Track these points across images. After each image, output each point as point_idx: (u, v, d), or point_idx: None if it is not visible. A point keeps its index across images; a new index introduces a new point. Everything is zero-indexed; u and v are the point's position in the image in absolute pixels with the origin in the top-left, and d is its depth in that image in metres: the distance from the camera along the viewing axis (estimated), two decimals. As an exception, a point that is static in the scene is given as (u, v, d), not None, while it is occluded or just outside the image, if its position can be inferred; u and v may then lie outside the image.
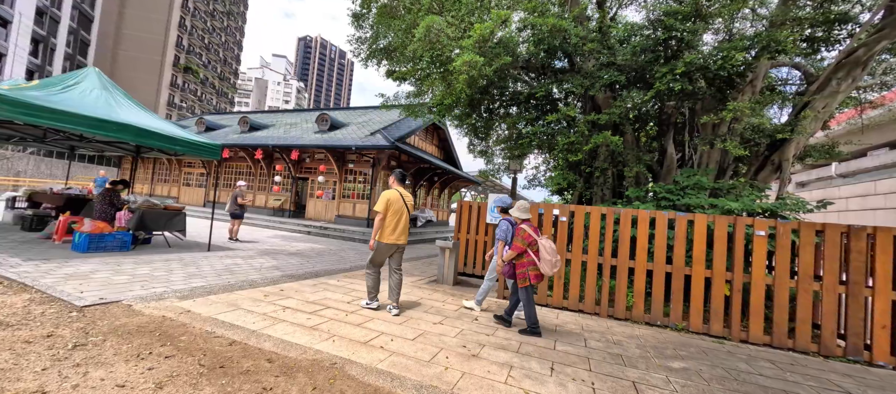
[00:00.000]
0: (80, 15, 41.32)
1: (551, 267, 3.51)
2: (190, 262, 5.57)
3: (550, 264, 3.51)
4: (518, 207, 3.84)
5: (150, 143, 5.77)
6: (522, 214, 3.79)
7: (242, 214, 8.34)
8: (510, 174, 14.41)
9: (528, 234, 3.64)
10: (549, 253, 3.54)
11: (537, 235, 3.66)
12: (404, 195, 4.02)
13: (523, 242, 3.62)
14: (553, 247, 3.60)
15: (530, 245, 3.62)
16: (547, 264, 3.51)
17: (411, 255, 9.82)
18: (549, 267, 3.51)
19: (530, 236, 3.62)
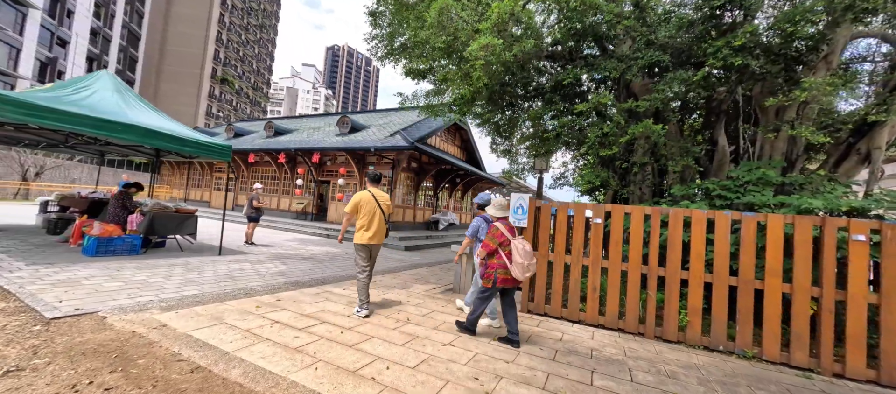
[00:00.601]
0: (129, 34, 44.56)
1: (523, 271, 3.20)
2: (194, 267, 5.33)
3: (522, 268, 3.20)
4: (494, 204, 3.59)
5: (158, 143, 5.62)
6: (498, 211, 3.53)
7: (259, 218, 8.17)
8: (535, 174, 13.60)
9: (501, 232, 3.36)
10: (522, 255, 3.21)
11: (512, 235, 3.36)
12: (377, 196, 3.95)
13: (494, 240, 3.36)
14: (528, 250, 3.28)
15: (502, 245, 3.34)
16: (518, 268, 3.20)
17: (430, 260, 9.30)
18: (521, 271, 3.20)
19: (502, 235, 3.34)
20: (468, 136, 20.72)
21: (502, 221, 3.47)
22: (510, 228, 3.42)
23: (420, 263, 8.42)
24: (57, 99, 4.91)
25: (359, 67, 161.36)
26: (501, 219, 3.51)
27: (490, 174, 22.01)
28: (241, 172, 19.33)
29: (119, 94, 5.87)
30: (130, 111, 5.69)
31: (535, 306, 4.57)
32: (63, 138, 6.69)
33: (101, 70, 6.14)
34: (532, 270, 3.26)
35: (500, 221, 3.48)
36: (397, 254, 9.80)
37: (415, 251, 10.86)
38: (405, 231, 14.33)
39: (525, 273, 3.22)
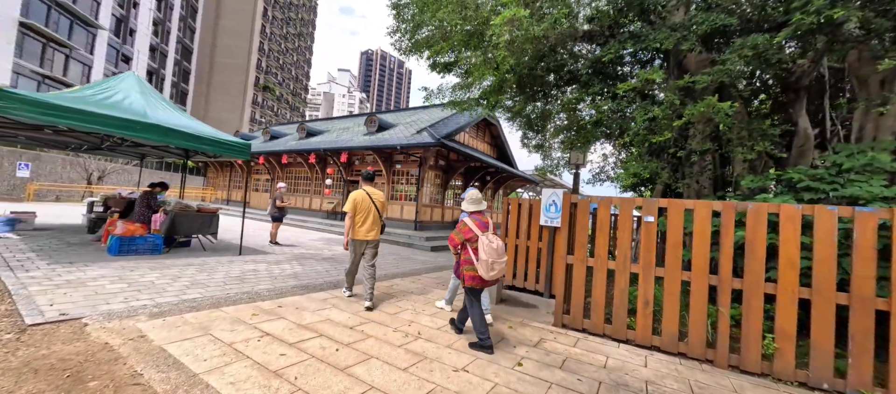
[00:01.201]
0: (183, 48, 48.29)
1: (487, 269, 2.99)
2: (209, 268, 5.18)
3: (487, 266, 2.99)
4: (467, 198, 3.41)
5: (178, 142, 5.55)
6: (471, 205, 3.36)
7: (282, 217, 8.08)
8: (571, 169, 12.67)
9: (469, 228, 3.18)
10: (488, 253, 3.00)
11: (480, 231, 3.13)
12: (372, 194, 4.24)
13: (459, 235, 3.21)
14: (496, 247, 3.05)
15: (469, 241, 3.16)
16: (483, 266, 3.00)
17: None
18: (486, 269, 3.00)
19: (470, 231, 3.16)
20: (498, 132, 19.93)
21: (474, 216, 3.27)
22: (481, 224, 3.21)
23: (445, 265, 7.89)
24: (80, 99, 4.94)
25: (392, 70, 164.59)
26: (473, 213, 3.30)
27: (522, 172, 21.04)
28: (276, 173, 19.95)
29: (142, 95, 5.89)
30: (152, 111, 5.67)
31: (572, 321, 3.86)
32: (99, 140, 6.92)
33: (127, 71, 6.24)
34: (498, 269, 3.03)
35: (473, 215, 3.28)
36: (422, 255, 9.35)
37: (442, 252, 10.36)
38: (432, 231, 13.89)
39: (490, 273, 2.99)
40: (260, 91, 59.60)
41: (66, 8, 29.81)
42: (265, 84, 60.34)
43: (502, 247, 3.10)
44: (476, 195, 3.39)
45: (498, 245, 3.07)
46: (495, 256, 3.00)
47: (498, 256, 3.02)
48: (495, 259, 3.00)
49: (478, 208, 3.32)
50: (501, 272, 3.08)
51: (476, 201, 3.36)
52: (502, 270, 3.08)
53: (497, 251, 3.03)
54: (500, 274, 3.08)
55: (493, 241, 3.07)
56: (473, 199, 3.37)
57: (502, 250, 3.08)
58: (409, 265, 7.44)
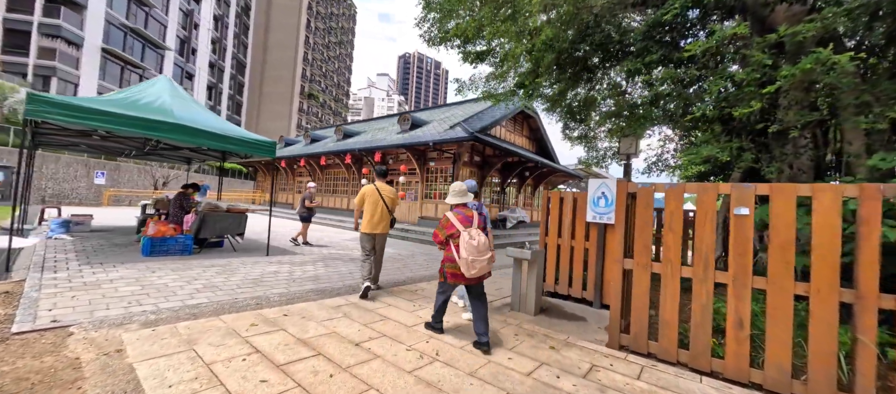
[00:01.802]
0: (238, 63, 52.23)
1: (468, 268, 2.85)
2: (230, 269, 5.02)
3: (467, 265, 2.85)
4: (452, 191, 3.20)
5: (204, 141, 5.49)
6: (454, 198, 3.17)
7: (310, 217, 7.93)
8: (620, 160, 11.41)
9: (451, 223, 3.02)
10: (469, 250, 2.85)
11: (463, 226, 2.97)
12: (381, 189, 4.38)
13: (443, 230, 3.08)
14: (478, 244, 2.87)
15: (451, 236, 3.00)
16: (464, 264, 2.86)
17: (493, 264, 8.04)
18: (466, 267, 2.86)
19: (452, 226, 3.00)
20: (537, 124, 18.78)
21: (458, 209, 3.10)
22: (465, 218, 3.02)
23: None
24: (110, 102, 5.01)
25: (429, 71, 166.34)
26: (458, 206, 3.14)
27: (564, 166, 19.69)
28: (317, 175, 20.52)
29: (172, 97, 5.94)
30: (180, 112, 5.67)
31: (633, 342, 3.04)
32: (141, 144, 7.20)
33: (159, 75, 6.36)
34: (480, 268, 2.85)
35: (457, 208, 3.11)
36: (455, 255, 8.77)
37: (476, 252, 9.73)
38: (468, 230, 13.29)
39: (470, 271, 2.83)
40: (305, 99, 62.84)
41: (139, 33, 33.36)
42: (310, 92, 63.52)
43: (485, 243, 2.90)
44: (459, 187, 3.18)
45: (480, 242, 2.87)
46: (476, 254, 2.83)
47: (479, 254, 2.84)
48: (476, 257, 2.82)
49: (461, 201, 3.13)
50: (484, 271, 2.92)
51: (459, 194, 3.15)
52: (485, 269, 2.91)
53: (478, 249, 2.84)
54: (484, 272, 2.93)
55: (475, 237, 2.89)
56: (456, 191, 3.17)
57: (485, 247, 2.89)
58: (435, 263, 6.89)
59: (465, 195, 3.16)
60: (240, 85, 53.27)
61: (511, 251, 4.11)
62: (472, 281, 2.96)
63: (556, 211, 5.06)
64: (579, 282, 4.76)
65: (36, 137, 6.35)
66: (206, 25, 43.92)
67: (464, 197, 3.15)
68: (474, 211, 3.12)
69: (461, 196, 3.14)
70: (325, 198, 20.00)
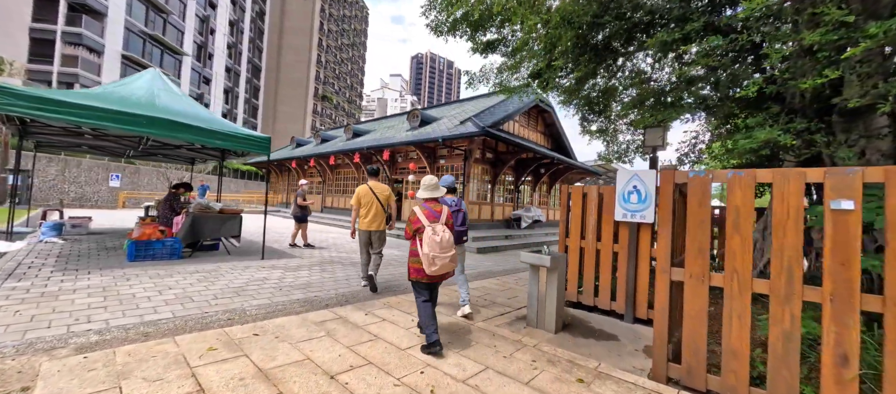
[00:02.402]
0: (253, 67, 53.10)
1: (429, 264, 2.67)
2: (214, 276, 4.57)
3: (428, 260, 2.67)
4: (422, 185, 3.06)
5: (186, 136, 5.08)
6: (425, 192, 3.00)
7: (305, 217, 7.48)
8: (645, 154, 10.56)
9: (417, 217, 2.82)
10: (430, 246, 2.66)
11: (429, 221, 2.78)
12: (375, 188, 4.47)
13: (411, 226, 2.86)
14: (439, 240, 2.67)
15: (417, 231, 2.80)
16: (426, 260, 2.68)
17: (506, 266, 7.40)
18: (428, 264, 2.67)
19: (418, 221, 2.80)
20: (553, 119, 17.94)
21: (427, 204, 2.97)
22: (432, 212, 2.88)
23: (492, 271, 6.62)
24: (83, 94, 4.65)
25: (441, 71, 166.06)
26: (427, 200, 3.00)
27: (581, 162, 18.75)
28: (327, 175, 20.28)
29: (157, 91, 5.57)
30: (165, 106, 5.29)
31: (686, 376, 2.37)
32: (136, 143, 6.91)
33: (149, 68, 6.02)
34: (442, 266, 2.71)
35: (427, 203, 2.98)
36: (469, 258, 8.16)
37: (490, 254, 9.08)
38: (481, 231, 12.63)
39: (431, 267, 2.70)
40: (319, 101, 63.42)
41: (157, 39, 34.15)
42: (324, 94, 64.08)
43: (449, 240, 2.76)
44: (429, 181, 3.07)
45: (443, 238, 2.73)
46: (438, 250, 2.68)
47: (441, 250, 2.69)
48: (437, 253, 2.68)
49: (431, 195, 3.00)
50: (446, 269, 2.76)
51: (429, 188, 3.03)
52: (447, 267, 2.76)
53: (440, 244, 2.70)
54: (445, 271, 2.78)
55: (439, 232, 2.74)
56: (427, 185, 3.05)
57: (449, 244, 2.74)
58: (448, 271, 6.32)
59: (435, 189, 3.02)
60: (255, 88, 54.15)
61: (527, 256, 3.47)
62: (433, 279, 2.80)
63: (579, 208, 4.39)
64: (607, 291, 4.08)
65: (28, 137, 6.10)
66: (222, 31, 44.73)
67: (434, 191, 3.01)
68: (445, 206, 3.00)
69: (431, 190, 3.01)
70: (335, 198, 19.73)
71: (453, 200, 3.71)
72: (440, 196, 3.05)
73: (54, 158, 22.68)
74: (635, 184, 3.90)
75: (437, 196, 3.01)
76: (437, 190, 3.02)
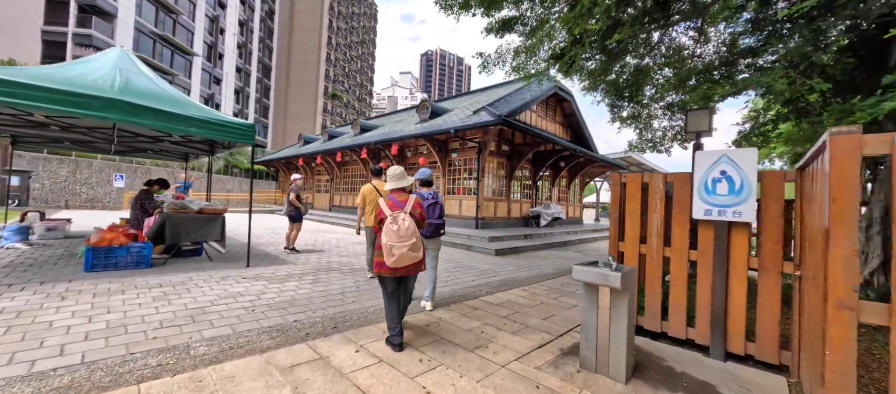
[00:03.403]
0: (263, 67, 53.07)
1: (388, 255, 2.54)
2: (179, 291, 3.72)
3: (387, 251, 2.53)
4: (389, 175, 2.94)
5: (151, 122, 4.23)
6: (392, 182, 2.90)
7: (300, 216, 6.59)
8: (685, 141, 9.44)
9: (381, 209, 2.69)
10: (388, 235, 2.54)
11: (391, 211, 2.64)
12: (379, 187, 4.54)
13: (375, 219, 2.73)
14: (398, 229, 2.54)
15: (381, 222, 2.67)
16: (385, 251, 2.54)
17: (532, 270, 6.37)
18: (386, 254, 2.54)
19: (382, 212, 2.67)
20: (573, 108, 16.69)
21: (393, 194, 2.82)
22: (396, 203, 2.71)
23: (516, 278, 5.61)
24: (24, 73, 3.84)
25: (451, 68, 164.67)
26: (394, 191, 2.86)
27: (603, 156, 17.45)
28: (335, 173, 19.55)
29: (122, 71, 4.74)
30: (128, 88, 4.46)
31: None
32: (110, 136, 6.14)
33: (115, 47, 5.21)
34: (400, 256, 2.49)
35: (394, 193, 2.84)
36: (486, 261, 7.15)
37: (509, 257, 8.05)
38: (497, 229, 11.59)
39: (390, 259, 2.52)
40: (329, 99, 63.17)
41: (167, 40, 34.13)
42: (333, 92, 63.79)
43: (409, 229, 2.55)
44: (395, 171, 2.92)
45: (402, 226, 2.54)
46: (395, 239, 2.51)
47: (398, 240, 2.51)
48: (395, 242, 2.50)
49: (397, 185, 2.87)
50: (408, 260, 2.54)
51: (396, 177, 2.90)
52: (409, 258, 2.53)
53: (398, 233, 2.52)
54: (407, 262, 2.55)
55: (398, 221, 2.57)
56: (392, 175, 2.92)
57: (408, 233, 2.53)
58: (466, 278, 5.31)
59: (401, 178, 2.91)
60: (266, 88, 54.15)
61: (583, 272, 2.44)
62: (396, 272, 2.61)
63: (636, 203, 3.35)
64: (681, 314, 3.03)
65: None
66: (232, 30, 44.67)
67: (399, 181, 2.90)
68: (412, 196, 2.83)
69: (397, 180, 2.90)
70: (343, 196, 18.99)
71: (430, 192, 3.67)
72: (407, 185, 2.91)
73: (65, 158, 22.65)
74: (724, 168, 2.83)
75: (403, 185, 2.89)
76: (403, 179, 2.90)
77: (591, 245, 11.60)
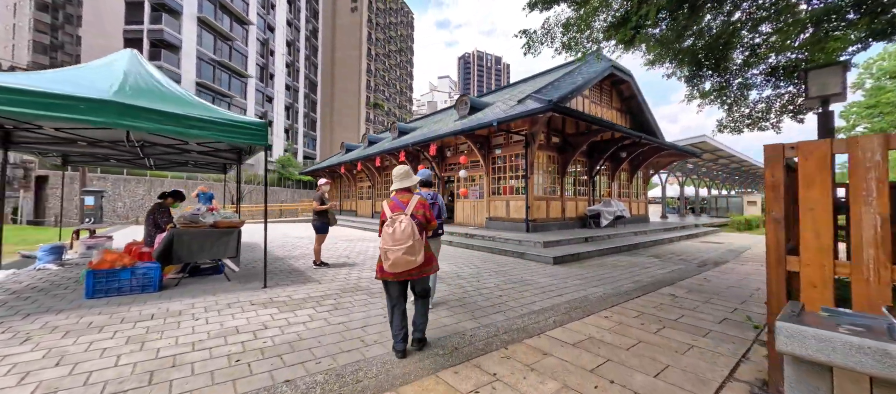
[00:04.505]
0: (310, 83, 55.84)
1: (384, 258, 2.45)
2: (170, 325, 3.03)
3: (383, 254, 2.46)
4: (394, 175, 2.77)
5: (145, 125, 3.66)
6: (397, 182, 2.75)
7: (326, 227, 5.83)
8: (802, 111, 7.61)
9: (384, 211, 2.63)
10: (384, 239, 2.45)
11: (392, 213, 2.56)
12: None
13: (380, 222, 2.65)
14: (393, 232, 2.42)
15: (383, 224, 2.59)
16: (382, 255, 2.47)
17: (606, 284, 4.99)
18: (383, 258, 2.46)
19: (383, 214, 2.63)
20: (632, 89, 14.61)
21: (396, 195, 2.70)
22: (397, 204, 2.62)
23: (589, 298, 4.30)
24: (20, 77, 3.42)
25: (489, 68, 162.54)
26: (399, 192, 2.71)
27: (672, 143, 15.07)
28: (375, 178, 19.24)
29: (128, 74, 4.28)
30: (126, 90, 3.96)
31: None
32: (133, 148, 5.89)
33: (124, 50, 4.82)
34: (396, 260, 2.38)
35: (399, 193, 2.71)
36: (544, 273, 5.88)
37: (572, 266, 6.66)
38: (551, 232, 10.15)
39: (385, 262, 2.44)
40: (371, 109, 64.88)
41: (225, 65, 36.94)
42: (375, 102, 65.42)
43: (405, 232, 2.40)
44: (400, 171, 2.77)
45: (398, 229, 2.43)
46: (390, 243, 2.41)
47: (393, 243, 2.40)
48: (390, 246, 2.40)
49: (403, 186, 2.71)
50: (406, 265, 2.41)
51: (401, 177, 2.74)
52: (406, 262, 2.39)
53: (393, 236, 2.42)
54: (406, 267, 2.42)
55: (396, 223, 2.45)
56: (398, 174, 2.77)
57: (403, 235, 2.40)
58: (523, 299, 4.13)
59: (406, 178, 2.72)
60: (313, 103, 56.88)
61: (815, 344, 1.17)
62: (398, 277, 2.48)
63: (822, 191, 1.97)
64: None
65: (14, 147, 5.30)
66: (281, 51, 47.46)
67: (404, 181, 2.71)
68: (415, 196, 2.67)
69: (402, 179, 2.72)
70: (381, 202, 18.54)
71: (429, 193, 3.59)
72: (411, 185, 2.71)
73: (142, 178, 25.08)
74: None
75: (408, 185, 2.70)
76: (407, 179, 2.71)
77: (667, 247, 9.70)
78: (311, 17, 56.47)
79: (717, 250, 9.14)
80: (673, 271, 6.35)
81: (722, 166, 24.85)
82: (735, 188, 35.31)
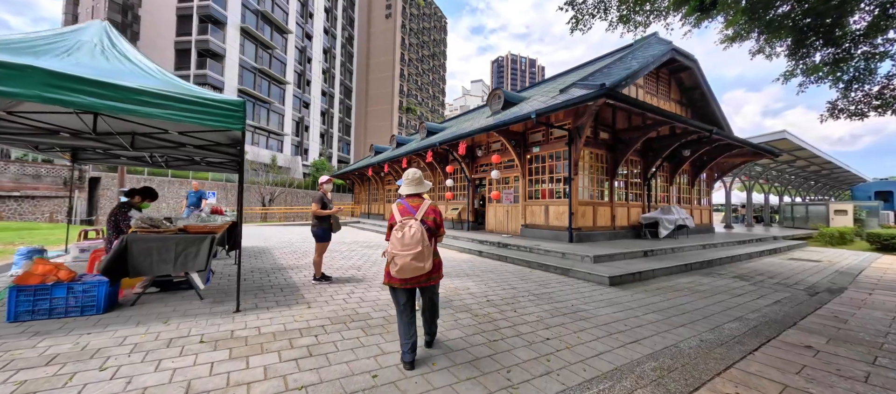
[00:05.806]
0: (345, 88, 57.03)
1: (392, 263, 2.37)
2: (62, 379, 2.07)
3: (391, 259, 2.38)
4: (404, 179, 2.67)
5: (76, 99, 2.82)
6: (406, 187, 2.65)
7: (327, 235, 4.81)
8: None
9: (393, 215, 2.52)
10: (392, 244, 2.39)
11: (402, 217, 2.46)
12: None
13: (389, 225, 2.55)
14: (402, 237, 2.34)
15: (392, 228, 2.51)
16: (390, 259, 2.40)
17: (698, 330, 3.51)
18: (390, 263, 2.39)
19: (393, 218, 2.52)
20: (696, 78, 12.57)
21: (405, 200, 2.62)
22: (407, 209, 2.53)
23: (683, 349, 2.88)
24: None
25: (523, 71, 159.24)
26: (409, 197, 2.63)
27: (745, 140, 12.74)
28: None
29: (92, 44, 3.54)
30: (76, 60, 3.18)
31: None
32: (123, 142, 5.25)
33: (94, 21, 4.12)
34: (404, 265, 2.30)
35: (409, 198, 2.62)
36: (599, 299, 4.46)
37: (635, 289, 5.15)
38: (599, 243, 8.57)
39: (393, 268, 2.36)
40: (404, 113, 65.13)
41: (265, 73, 38.34)
42: (408, 106, 65.63)
43: (415, 237, 2.32)
44: (411, 175, 2.67)
45: (407, 234, 2.34)
46: (399, 248, 2.33)
47: (402, 248, 2.32)
48: (398, 251, 2.33)
49: (413, 190, 2.62)
50: (413, 271, 2.33)
51: (411, 182, 2.64)
52: (413, 268, 2.31)
53: (402, 241, 2.34)
54: (413, 273, 2.34)
55: (406, 228, 2.37)
56: (408, 179, 2.67)
57: (412, 241, 2.32)
58: (581, 347, 2.81)
59: (418, 184, 2.62)
60: (347, 108, 58.00)
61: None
62: (406, 283, 2.41)
63: None
64: None
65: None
66: (317, 58, 48.77)
67: (416, 186, 2.62)
68: (426, 201, 2.58)
69: (412, 185, 2.63)
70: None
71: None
72: (423, 190, 2.63)
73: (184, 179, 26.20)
74: None
75: (419, 191, 2.62)
76: (420, 185, 2.63)
77: (748, 265, 7.77)
78: (347, 24, 57.79)
79: (820, 271, 7.11)
80: (779, 302, 4.67)
81: (797, 169, 21.38)
82: (809, 195, 30.75)
